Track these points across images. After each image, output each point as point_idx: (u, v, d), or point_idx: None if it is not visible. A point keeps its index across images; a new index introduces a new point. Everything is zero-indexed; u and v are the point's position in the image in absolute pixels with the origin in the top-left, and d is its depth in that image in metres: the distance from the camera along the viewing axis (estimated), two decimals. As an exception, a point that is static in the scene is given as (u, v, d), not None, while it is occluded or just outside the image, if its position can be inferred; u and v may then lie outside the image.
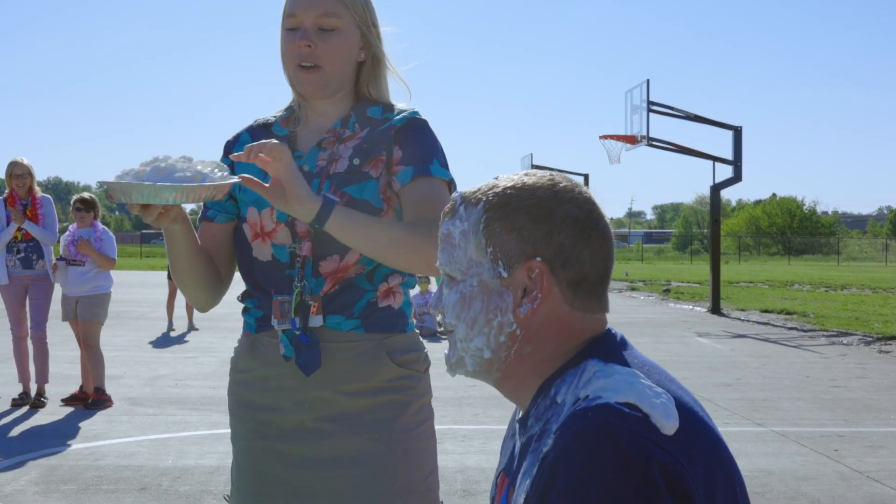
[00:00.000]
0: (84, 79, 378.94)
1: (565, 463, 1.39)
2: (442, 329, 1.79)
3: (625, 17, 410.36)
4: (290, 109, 2.66)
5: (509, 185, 1.61)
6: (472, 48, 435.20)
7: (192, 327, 16.36)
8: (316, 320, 2.43)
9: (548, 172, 1.65)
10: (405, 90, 2.68)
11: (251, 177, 2.24)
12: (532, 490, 1.45)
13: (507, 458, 1.69)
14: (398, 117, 2.56)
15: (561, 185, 1.60)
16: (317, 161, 2.50)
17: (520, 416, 1.66)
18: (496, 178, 1.65)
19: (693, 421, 1.47)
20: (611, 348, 1.59)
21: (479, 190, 1.63)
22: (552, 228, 1.56)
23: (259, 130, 2.65)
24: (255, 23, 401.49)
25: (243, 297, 2.63)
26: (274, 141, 2.19)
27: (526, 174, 1.64)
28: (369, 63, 2.61)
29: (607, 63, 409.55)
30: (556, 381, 1.56)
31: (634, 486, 1.35)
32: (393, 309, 2.51)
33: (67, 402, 9.03)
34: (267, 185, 2.22)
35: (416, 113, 2.59)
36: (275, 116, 2.68)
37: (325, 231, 2.27)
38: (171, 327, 16.19)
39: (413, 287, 2.62)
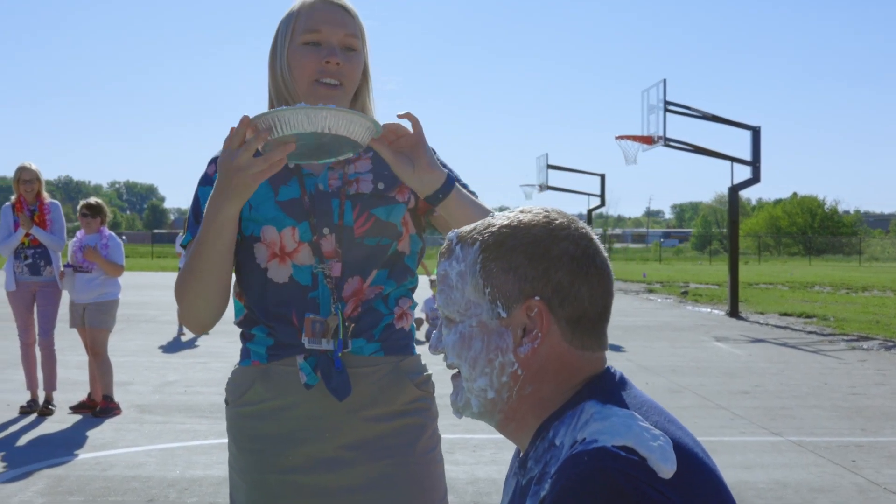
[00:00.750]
0: (96, 78, 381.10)
1: None
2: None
3: (641, 17, 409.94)
4: None
5: (504, 223, 1.60)
6: (487, 48, 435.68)
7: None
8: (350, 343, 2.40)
9: (543, 209, 1.65)
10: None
11: (398, 124, 2.25)
12: None
13: (509, 497, 1.68)
14: None
15: (556, 221, 1.59)
16: (328, 181, 2.45)
17: (520, 456, 1.65)
18: (492, 217, 1.65)
19: (692, 463, 1.45)
20: (609, 388, 1.57)
21: (474, 229, 1.63)
22: (549, 266, 1.55)
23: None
24: (271, 26, 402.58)
25: (248, 325, 2.50)
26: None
27: (521, 211, 1.64)
28: (364, 85, 2.60)
29: (623, 63, 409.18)
30: (555, 423, 1.55)
31: None
32: (405, 331, 2.51)
33: (75, 409, 8.98)
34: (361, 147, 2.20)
35: None
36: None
37: (447, 200, 2.29)
38: (181, 331, 16.18)
39: (414, 310, 2.60)
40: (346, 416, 2.37)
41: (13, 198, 9.08)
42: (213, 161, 2.52)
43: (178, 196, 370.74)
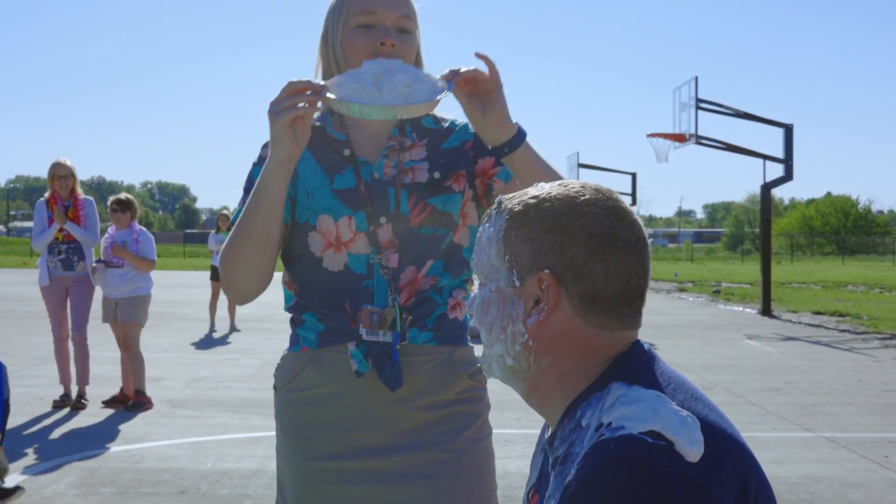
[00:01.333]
0: (129, 78, 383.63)
1: (585, 497, 1.36)
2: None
3: (673, 14, 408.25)
4: (326, 111, 2.53)
5: (534, 193, 1.60)
6: (517, 47, 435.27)
7: (233, 328, 16.43)
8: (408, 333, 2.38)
9: (582, 183, 1.63)
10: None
11: (476, 69, 2.22)
12: None
13: (537, 473, 1.67)
14: (459, 128, 2.55)
15: (584, 197, 1.57)
16: (383, 169, 2.42)
17: (548, 434, 1.64)
18: (536, 185, 1.64)
19: (721, 441, 1.42)
20: (635, 368, 1.54)
21: (513, 197, 1.63)
22: (565, 241, 1.54)
23: (313, 136, 2.48)
24: (302, 24, 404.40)
25: (298, 310, 2.48)
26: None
27: (560, 184, 1.62)
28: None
29: (655, 60, 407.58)
30: (582, 405, 1.53)
31: None
32: (459, 321, 2.48)
33: (108, 403, 9.05)
34: (438, 99, 2.17)
35: (468, 124, 2.55)
36: (316, 117, 2.53)
37: (514, 155, 2.27)
38: (212, 328, 16.26)
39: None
40: (397, 405, 2.35)
41: (47, 194, 9.15)
42: (265, 145, 2.50)
43: (209, 196, 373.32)
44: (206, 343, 14.72)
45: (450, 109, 2.51)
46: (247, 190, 2.45)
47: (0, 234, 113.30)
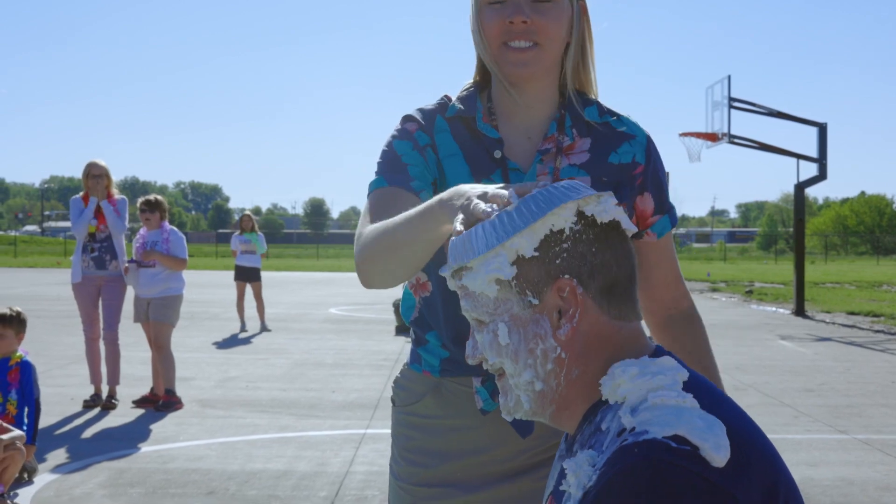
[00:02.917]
0: (162, 78, 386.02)
1: (607, 501, 1.33)
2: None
3: (706, 12, 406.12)
4: (471, 93, 2.27)
5: None
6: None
7: (264, 328, 16.45)
8: None
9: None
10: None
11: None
12: None
13: (554, 480, 1.64)
14: (633, 137, 2.25)
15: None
16: (535, 177, 2.16)
17: (567, 439, 1.62)
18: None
19: (747, 446, 1.39)
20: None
21: None
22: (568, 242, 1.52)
23: (458, 125, 2.23)
24: (337, 23, 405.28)
25: (420, 327, 2.28)
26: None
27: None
28: (577, 45, 2.24)
29: (687, 59, 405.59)
30: (602, 409, 1.50)
31: None
32: None
33: (138, 403, 9.07)
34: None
35: (644, 131, 2.27)
36: (459, 99, 2.26)
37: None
38: (243, 328, 16.30)
39: None
40: (524, 443, 2.19)
41: (82, 193, 9.21)
42: (409, 119, 2.24)
43: (242, 196, 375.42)
44: (236, 343, 14.74)
45: (618, 95, 2.16)
46: (389, 162, 2.17)
47: (34, 233, 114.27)
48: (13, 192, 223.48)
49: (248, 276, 16.44)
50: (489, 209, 1.52)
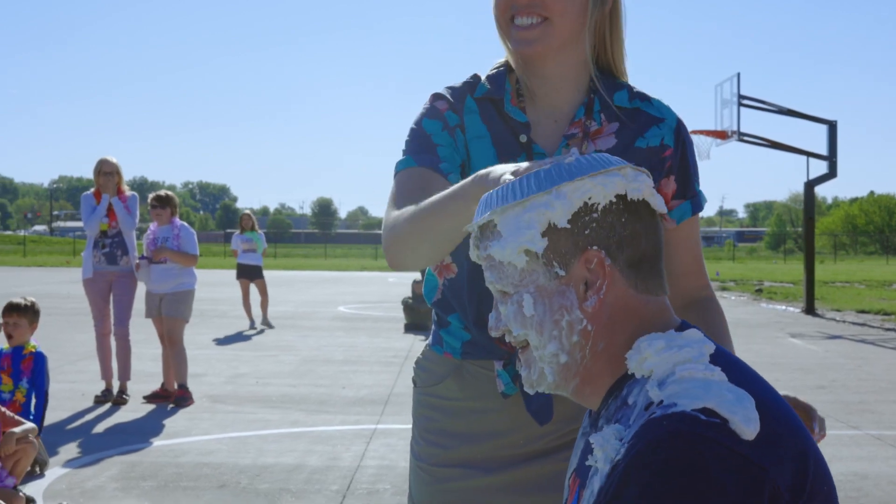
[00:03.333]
0: (169, 78, 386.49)
1: (637, 473, 1.30)
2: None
3: (715, 10, 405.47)
4: (500, 72, 2.21)
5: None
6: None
7: (267, 324, 16.49)
8: None
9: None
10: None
11: None
12: (599, 496, 1.37)
13: (577, 457, 1.62)
14: (662, 120, 2.16)
15: None
16: None
17: (592, 415, 1.59)
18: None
19: (777, 419, 1.37)
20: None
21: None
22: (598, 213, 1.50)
23: (487, 106, 2.16)
24: (347, 20, 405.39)
25: (443, 308, 2.24)
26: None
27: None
28: (605, 18, 2.12)
29: (697, 56, 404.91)
30: (629, 382, 1.48)
31: (710, 498, 1.25)
32: None
33: (149, 399, 9.07)
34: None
35: (675, 114, 2.18)
36: (488, 78, 2.20)
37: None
38: (252, 325, 16.32)
39: None
40: (544, 427, 2.15)
41: (93, 189, 9.23)
42: (439, 97, 2.19)
43: (250, 196, 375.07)
44: (246, 340, 14.76)
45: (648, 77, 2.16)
46: (418, 140, 2.14)
47: (44, 234, 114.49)
48: (22, 193, 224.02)
49: (251, 273, 16.49)
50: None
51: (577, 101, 2.15)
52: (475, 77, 2.22)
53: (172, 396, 9.00)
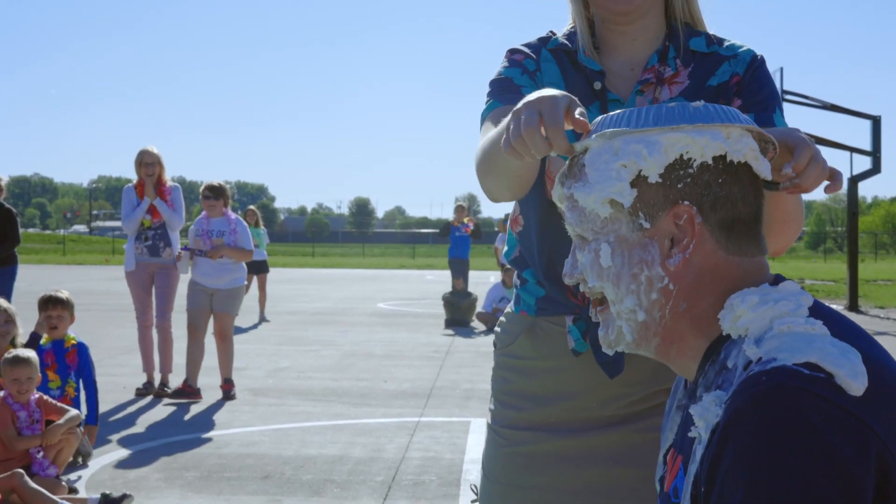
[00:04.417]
0: (209, 78, 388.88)
1: (736, 431, 1.20)
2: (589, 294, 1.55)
3: (757, 4, 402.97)
4: (574, 29, 2.21)
5: None
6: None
7: (263, 319, 16.71)
8: None
9: None
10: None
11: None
12: (702, 464, 1.27)
13: (673, 434, 1.52)
14: (734, 57, 2.14)
15: None
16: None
17: (689, 385, 1.49)
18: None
19: (883, 374, 1.26)
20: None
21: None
22: (695, 168, 1.41)
23: (561, 55, 2.18)
24: (386, 20, 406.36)
25: (519, 265, 2.24)
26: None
27: None
28: None
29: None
30: (727, 344, 1.37)
31: (815, 456, 1.15)
32: None
33: (174, 395, 8.78)
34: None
35: (752, 51, 2.16)
36: (563, 35, 2.20)
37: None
38: (264, 319, 16.64)
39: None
40: (617, 389, 2.12)
41: (135, 181, 9.18)
42: (515, 51, 2.20)
43: (287, 196, 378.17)
44: (286, 335, 14.71)
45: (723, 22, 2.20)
46: (501, 85, 2.14)
47: (83, 233, 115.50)
48: (61, 192, 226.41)
49: (258, 268, 16.45)
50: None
51: (652, 49, 2.15)
52: (549, 32, 2.25)
53: (197, 393, 8.82)
